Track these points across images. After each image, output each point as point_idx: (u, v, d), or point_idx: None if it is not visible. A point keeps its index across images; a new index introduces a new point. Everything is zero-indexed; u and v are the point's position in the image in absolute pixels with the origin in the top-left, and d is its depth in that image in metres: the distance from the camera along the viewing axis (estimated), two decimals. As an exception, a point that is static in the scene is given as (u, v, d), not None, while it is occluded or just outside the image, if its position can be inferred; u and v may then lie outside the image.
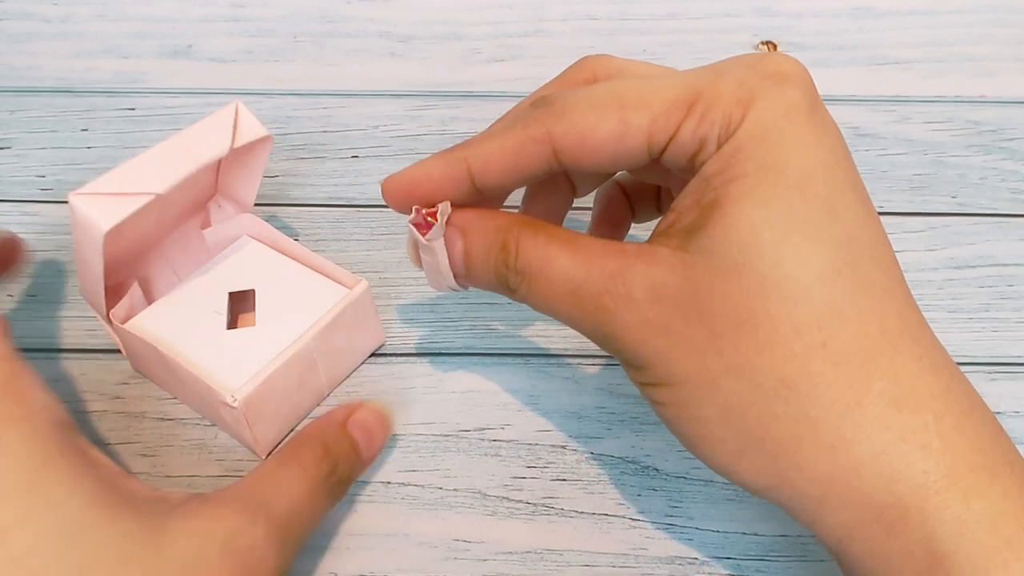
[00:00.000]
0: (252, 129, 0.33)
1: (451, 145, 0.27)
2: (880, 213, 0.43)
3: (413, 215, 0.27)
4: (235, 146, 0.32)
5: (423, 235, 0.27)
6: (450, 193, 0.27)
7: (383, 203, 0.28)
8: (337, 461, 0.29)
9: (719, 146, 0.24)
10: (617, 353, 0.25)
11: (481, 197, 0.27)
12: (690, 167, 0.25)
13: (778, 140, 0.23)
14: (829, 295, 0.22)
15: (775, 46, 0.51)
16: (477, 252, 0.27)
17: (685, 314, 0.23)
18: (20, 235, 0.36)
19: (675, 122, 0.24)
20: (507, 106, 0.29)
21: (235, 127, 0.32)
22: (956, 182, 0.44)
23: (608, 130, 0.24)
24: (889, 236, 0.24)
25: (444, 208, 0.27)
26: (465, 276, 0.28)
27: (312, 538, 0.29)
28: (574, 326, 0.26)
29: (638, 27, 0.53)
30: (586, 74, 0.28)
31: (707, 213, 0.23)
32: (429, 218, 0.27)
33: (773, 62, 0.24)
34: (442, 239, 0.27)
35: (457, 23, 0.53)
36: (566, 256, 0.25)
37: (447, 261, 0.27)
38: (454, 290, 0.29)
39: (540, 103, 0.26)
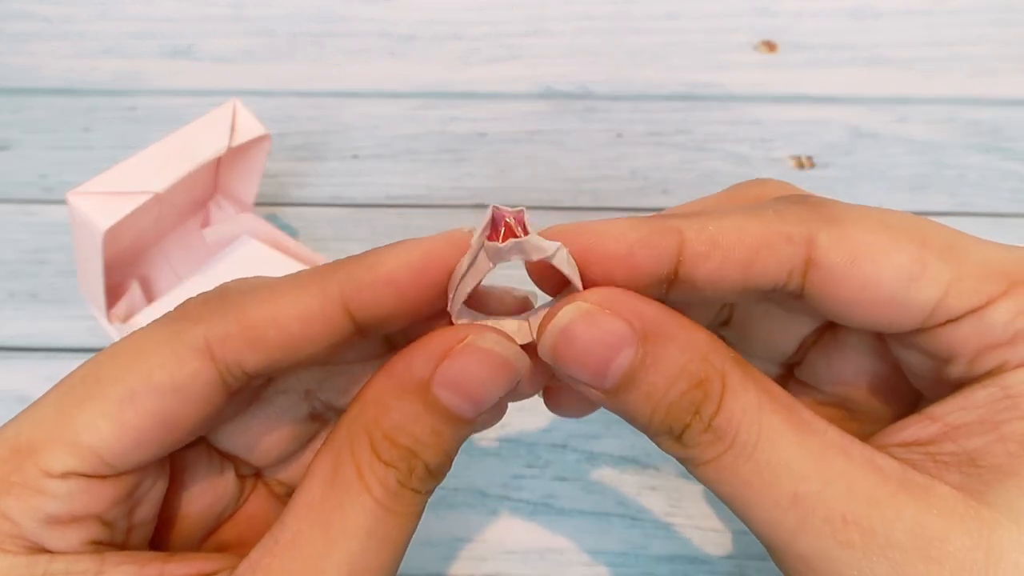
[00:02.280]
0: (250, 127, 0.33)
1: (447, 148, 0.22)
2: (880, 213, 0.43)
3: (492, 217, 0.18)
4: (233, 144, 0.32)
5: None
6: (640, 271, 0.19)
7: (383, 203, 0.27)
8: (415, 451, 0.19)
9: None
10: None
11: (663, 298, 0.20)
12: (971, 363, 0.19)
13: None
14: None
15: (774, 46, 0.51)
16: (658, 378, 0.18)
17: None
18: (22, 236, 0.36)
19: (988, 294, 0.18)
20: (507, 106, 0.28)
21: (233, 125, 0.32)
22: (956, 182, 0.44)
23: (900, 262, 0.18)
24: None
25: (565, 256, 0.18)
26: (609, 392, 0.18)
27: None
28: (770, 535, 0.18)
29: (638, 27, 0.53)
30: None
31: (1021, 457, 0.17)
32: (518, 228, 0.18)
33: None
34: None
35: (457, 23, 0.53)
36: (793, 437, 0.18)
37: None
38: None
39: (802, 200, 0.19)
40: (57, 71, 0.49)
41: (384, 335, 0.22)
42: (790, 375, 0.25)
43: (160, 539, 0.22)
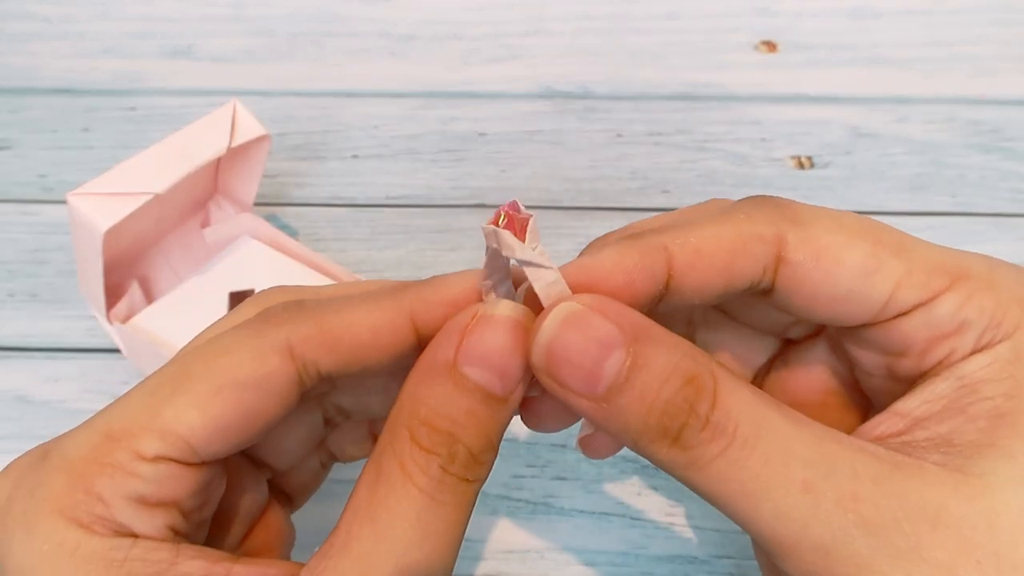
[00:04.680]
0: (250, 128, 0.33)
1: (447, 148, 0.23)
2: (880, 213, 0.43)
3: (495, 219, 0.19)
4: (233, 145, 0.32)
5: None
6: (640, 294, 0.20)
7: (383, 203, 0.27)
8: (454, 435, 0.19)
9: (983, 344, 0.19)
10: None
11: (656, 309, 0.20)
12: (921, 354, 0.20)
13: None
14: None
15: (774, 46, 0.51)
16: (650, 377, 0.18)
17: (976, 555, 0.17)
18: (22, 236, 0.36)
19: (934, 288, 0.20)
20: (507, 106, 0.29)
21: (233, 126, 0.32)
22: (956, 182, 0.44)
23: (857, 259, 0.20)
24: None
25: (533, 225, 0.19)
26: (601, 399, 0.18)
27: (311, 537, 0.29)
28: (780, 529, 0.18)
29: (638, 27, 0.53)
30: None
31: (992, 431, 0.18)
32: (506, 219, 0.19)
33: None
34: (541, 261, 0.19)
35: (457, 23, 0.53)
36: (791, 427, 0.18)
37: (547, 290, 0.19)
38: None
39: (766, 202, 0.21)
40: (57, 71, 0.49)
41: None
42: None
43: (209, 544, 0.22)
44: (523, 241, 0.19)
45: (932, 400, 0.20)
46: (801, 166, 0.45)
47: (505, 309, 0.19)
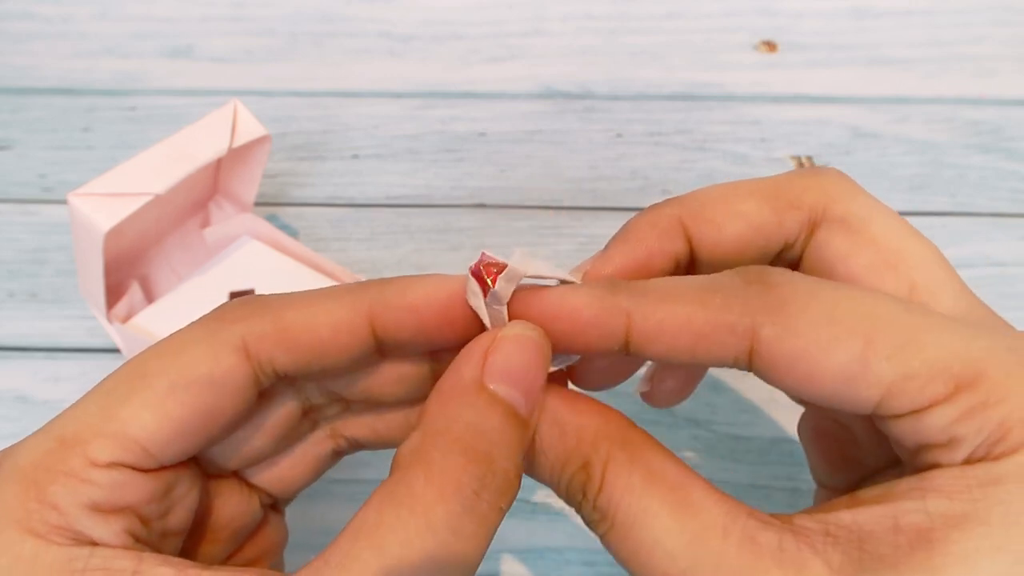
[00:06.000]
0: (251, 128, 0.33)
1: (447, 148, 0.22)
2: (880, 213, 0.43)
3: (478, 261, 0.20)
4: (234, 145, 0.32)
5: (485, 292, 0.20)
6: (591, 347, 0.20)
7: (383, 203, 0.27)
8: (491, 455, 0.18)
9: (972, 459, 0.17)
10: None
11: (622, 359, 0.21)
12: (911, 454, 0.19)
13: None
14: None
15: (774, 46, 0.51)
16: (547, 458, 0.20)
17: None
18: (22, 236, 0.36)
19: (930, 397, 0.17)
20: (507, 106, 0.29)
21: (234, 126, 0.33)
22: (955, 182, 0.44)
23: (839, 362, 0.18)
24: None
25: (512, 272, 0.20)
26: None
27: (310, 537, 0.29)
28: None
29: (638, 27, 0.53)
30: (818, 196, 0.22)
31: (907, 554, 0.16)
32: (490, 274, 0.20)
33: None
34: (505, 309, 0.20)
35: (457, 23, 0.53)
36: (670, 520, 0.18)
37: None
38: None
39: (754, 275, 0.19)
40: (57, 71, 0.49)
41: (423, 382, 0.23)
42: None
43: (188, 556, 0.22)
44: (493, 287, 0.20)
45: (884, 491, 0.18)
46: (801, 166, 0.45)
47: (518, 328, 0.20)
